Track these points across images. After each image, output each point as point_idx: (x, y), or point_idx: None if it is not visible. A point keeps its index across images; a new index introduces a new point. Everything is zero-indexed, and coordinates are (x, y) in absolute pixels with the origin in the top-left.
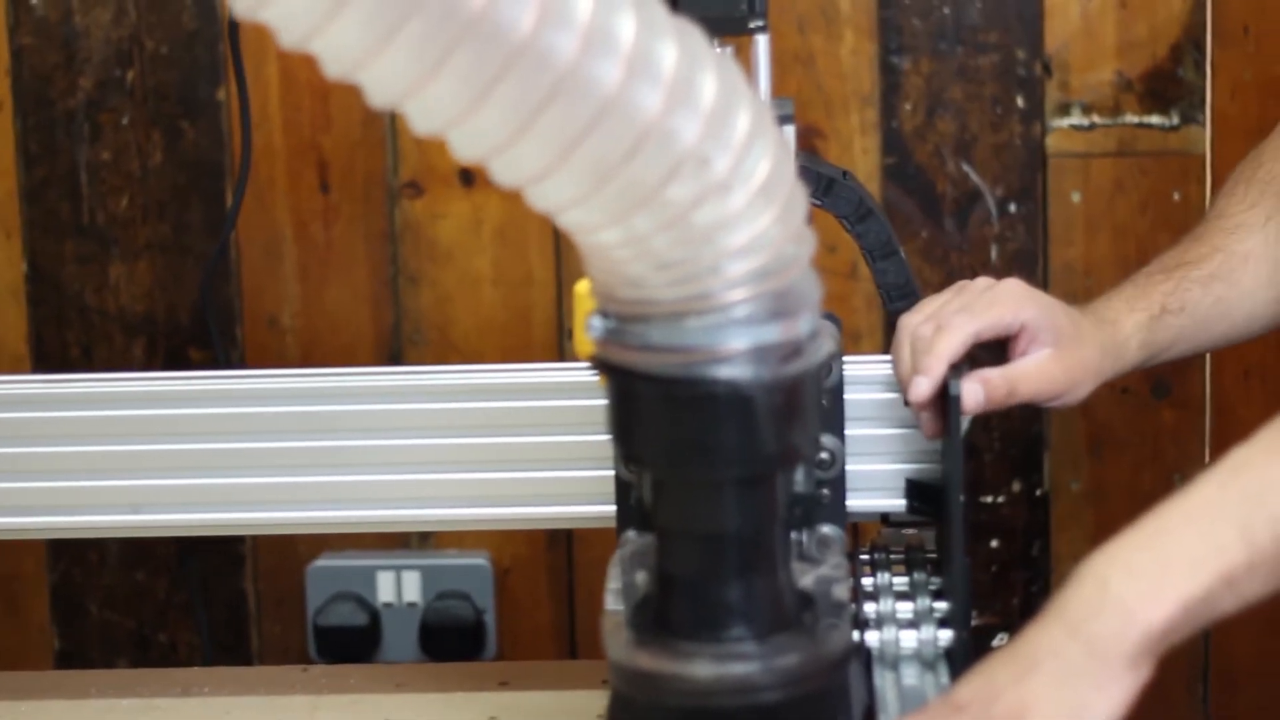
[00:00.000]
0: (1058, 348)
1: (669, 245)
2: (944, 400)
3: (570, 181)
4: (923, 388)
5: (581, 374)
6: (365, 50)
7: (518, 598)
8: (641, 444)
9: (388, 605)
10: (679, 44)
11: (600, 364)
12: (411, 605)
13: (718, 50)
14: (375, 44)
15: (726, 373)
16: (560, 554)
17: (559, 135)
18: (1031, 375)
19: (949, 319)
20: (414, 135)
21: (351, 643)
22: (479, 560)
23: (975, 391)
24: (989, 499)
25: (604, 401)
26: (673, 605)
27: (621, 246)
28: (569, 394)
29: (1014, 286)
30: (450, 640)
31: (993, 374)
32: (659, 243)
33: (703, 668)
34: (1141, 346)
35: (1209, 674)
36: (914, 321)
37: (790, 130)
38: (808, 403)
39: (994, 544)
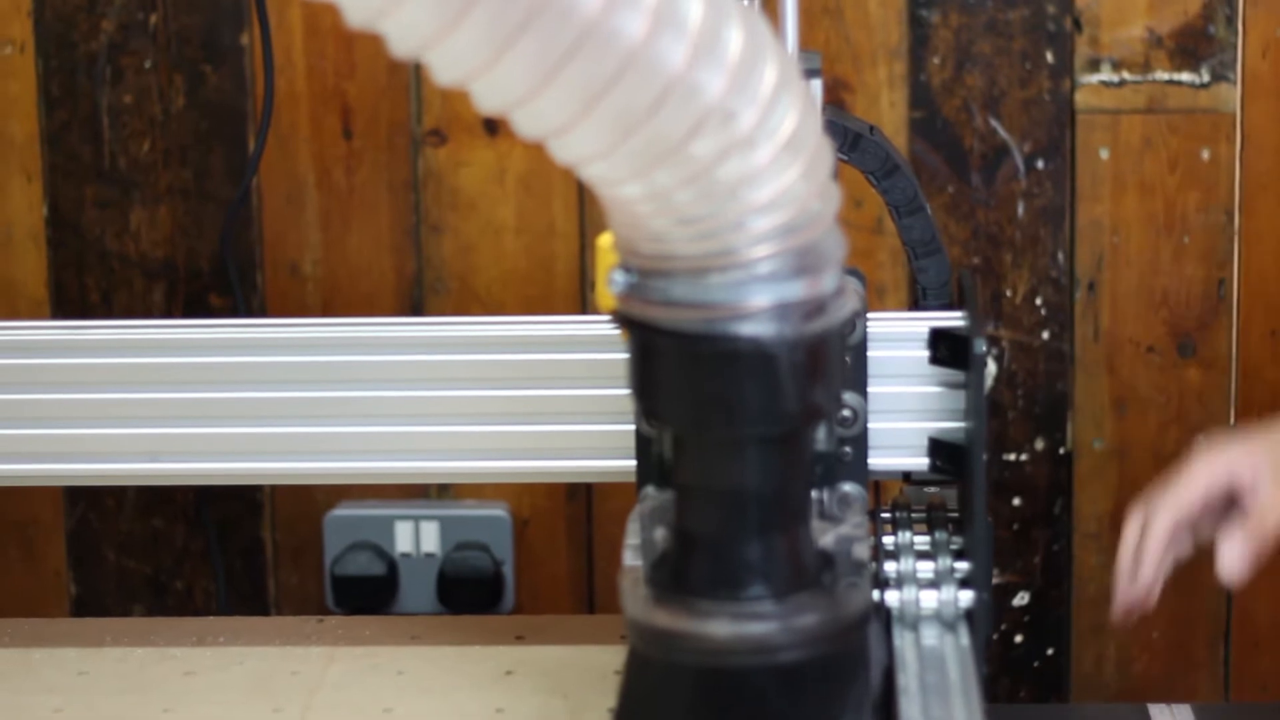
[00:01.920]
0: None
1: (692, 200)
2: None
3: (593, 135)
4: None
5: (603, 327)
6: None
7: (536, 549)
8: (662, 400)
9: (405, 555)
10: None
11: (621, 318)
12: (429, 556)
13: (744, 2)
14: None
15: (749, 329)
16: (580, 506)
17: (583, 88)
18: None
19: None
20: (438, 83)
21: (369, 593)
22: (498, 511)
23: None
24: (1012, 457)
25: (625, 355)
26: (691, 563)
27: (644, 201)
28: (591, 347)
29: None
30: (468, 591)
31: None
32: (682, 197)
33: (720, 626)
34: None
35: (1230, 635)
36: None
37: (817, 84)
38: (831, 360)
39: (1016, 502)
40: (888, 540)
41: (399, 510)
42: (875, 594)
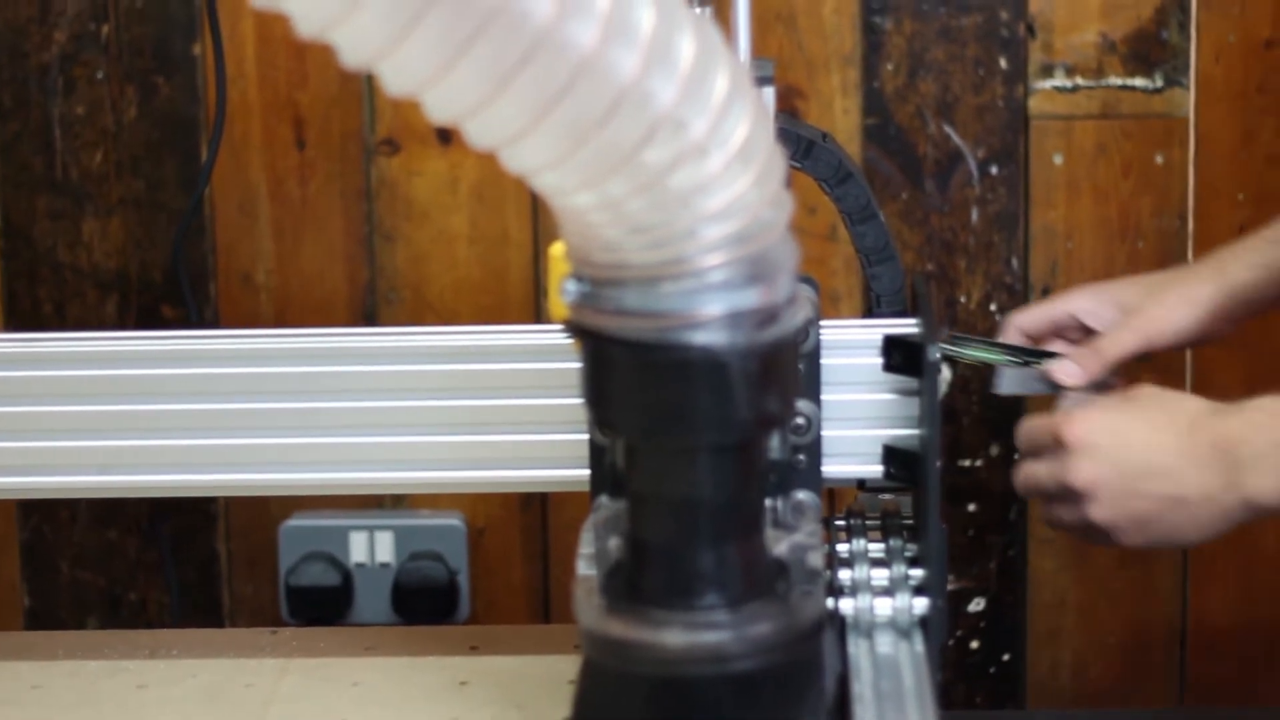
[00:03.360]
0: (1127, 314)
1: (644, 209)
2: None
3: (545, 144)
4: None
5: (557, 336)
6: (337, 9)
7: (492, 559)
8: (615, 409)
9: (360, 565)
10: (656, 5)
11: (574, 328)
12: (384, 566)
13: (696, 10)
14: (348, 3)
15: (702, 338)
16: (535, 515)
17: (534, 98)
18: (1103, 345)
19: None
20: (389, 93)
21: (323, 603)
22: (453, 521)
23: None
24: (967, 462)
25: (579, 365)
26: (645, 572)
27: (596, 210)
28: (545, 357)
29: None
30: (423, 601)
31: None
32: (634, 206)
33: (674, 636)
34: (1254, 267)
35: (1185, 640)
36: None
37: (770, 92)
38: (784, 368)
39: (971, 508)
40: (842, 548)
41: (353, 520)
42: (830, 602)
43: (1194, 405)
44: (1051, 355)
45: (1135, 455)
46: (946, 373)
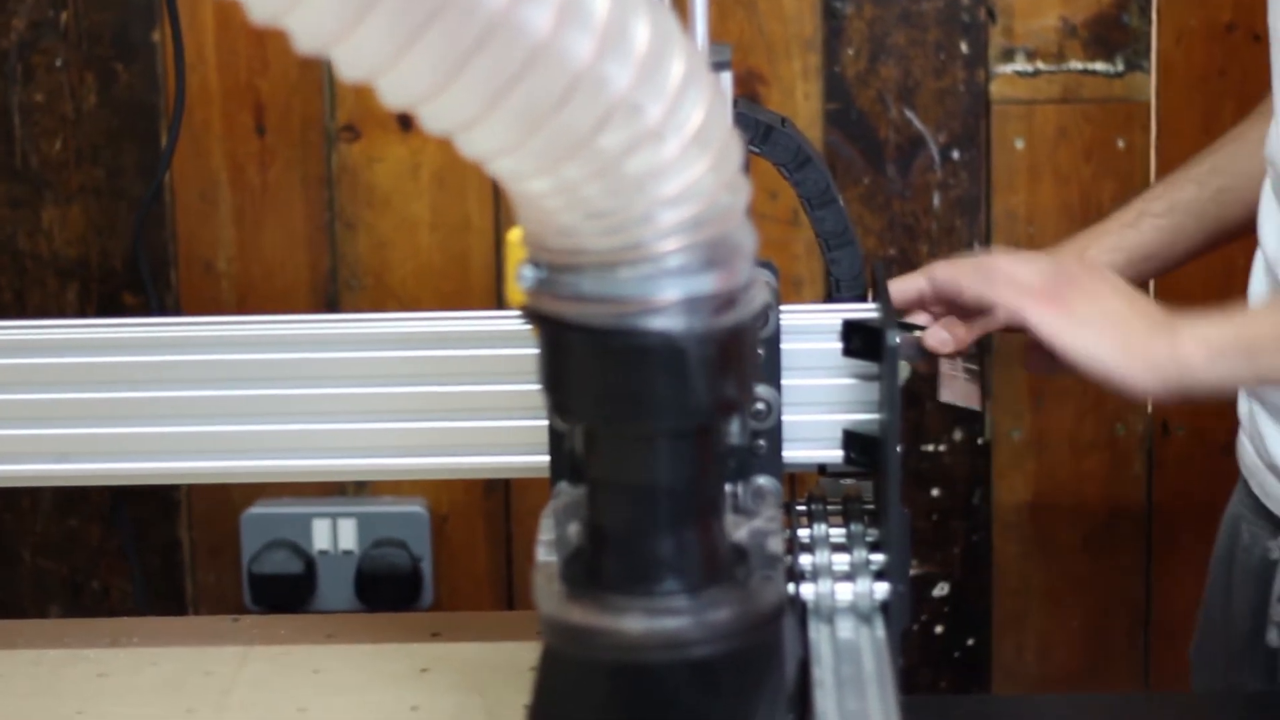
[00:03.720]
0: None
1: (600, 194)
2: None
3: (500, 129)
4: None
5: (519, 322)
6: None
7: (455, 545)
8: (572, 395)
9: (323, 553)
10: None
11: (531, 314)
12: (347, 553)
13: None
14: None
15: (659, 324)
16: (498, 501)
17: (489, 82)
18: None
19: None
20: (344, 79)
21: (286, 591)
22: (416, 508)
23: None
24: (930, 447)
25: (537, 351)
26: (604, 559)
27: (552, 195)
28: (506, 343)
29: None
30: (387, 588)
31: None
32: (590, 191)
33: (633, 622)
34: (1112, 250)
35: (1149, 625)
36: None
37: (727, 76)
38: (742, 354)
39: (935, 493)
40: (803, 533)
41: (316, 508)
42: (791, 587)
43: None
44: (918, 326)
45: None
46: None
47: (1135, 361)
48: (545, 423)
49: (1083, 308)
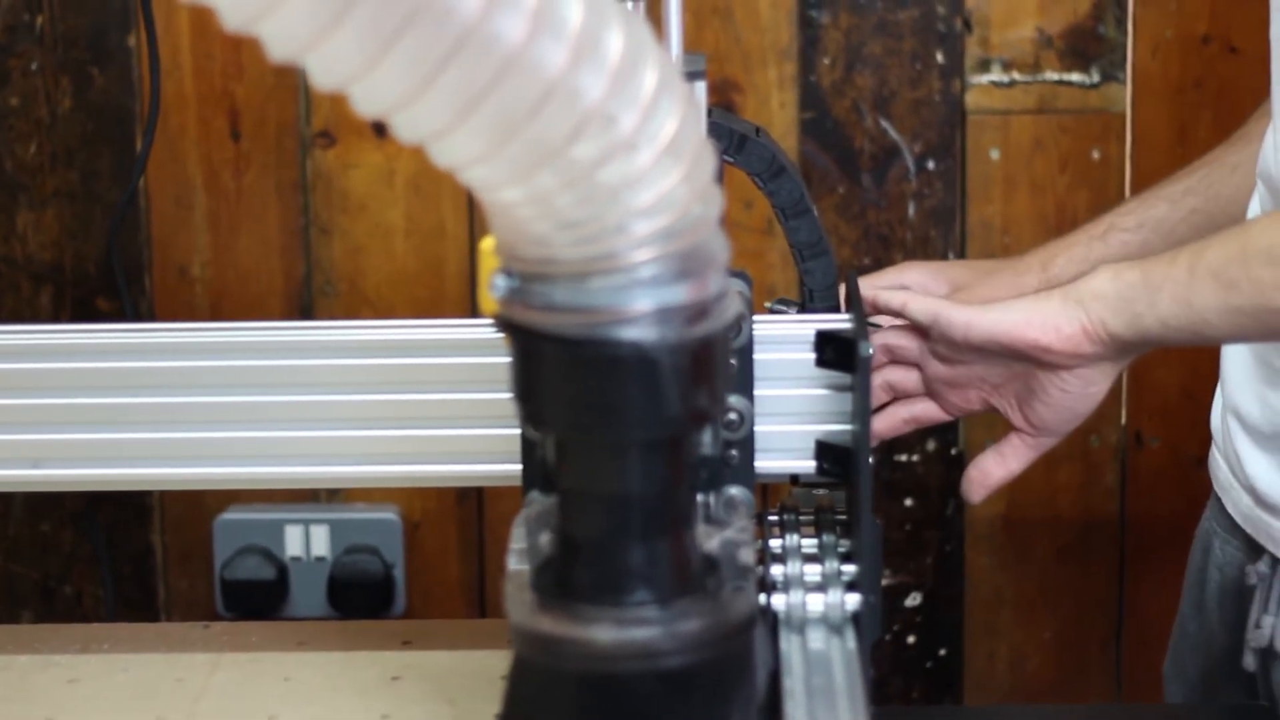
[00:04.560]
0: (958, 291)
1: (573, 204)
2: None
3: (473, 139)
4: None
5: (493, 331)
6: (263, 2)
7: (427, 552)
8: (544, 405)
9: (296, 559)
10: None
11: (503, 323)
12: (320, 559)
13: (628, 5)
14: None
15: (631, 334)
16: (471, 509)
17: (462, 91)
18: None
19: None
20: (317, 87)
21: (258, 597)
22: (388, 515)
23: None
24: (903, 457)
25: (509, 360)
26: (575, 568)
27: (525, 205)
28: (480, 351)
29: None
30: (359, 595)
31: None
32: (563, 201)
33: (603, 632)
34: (1079, 261)
35: (1122, 635)
36: None
37: (702, 87)
38: (715, 364)
39: (908, 503)
40: (775, 543)
41: (289, 514)
42: (762, 597)
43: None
44: (877, 327)
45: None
46: None
47: (1049, 316)
48: (518, 431)
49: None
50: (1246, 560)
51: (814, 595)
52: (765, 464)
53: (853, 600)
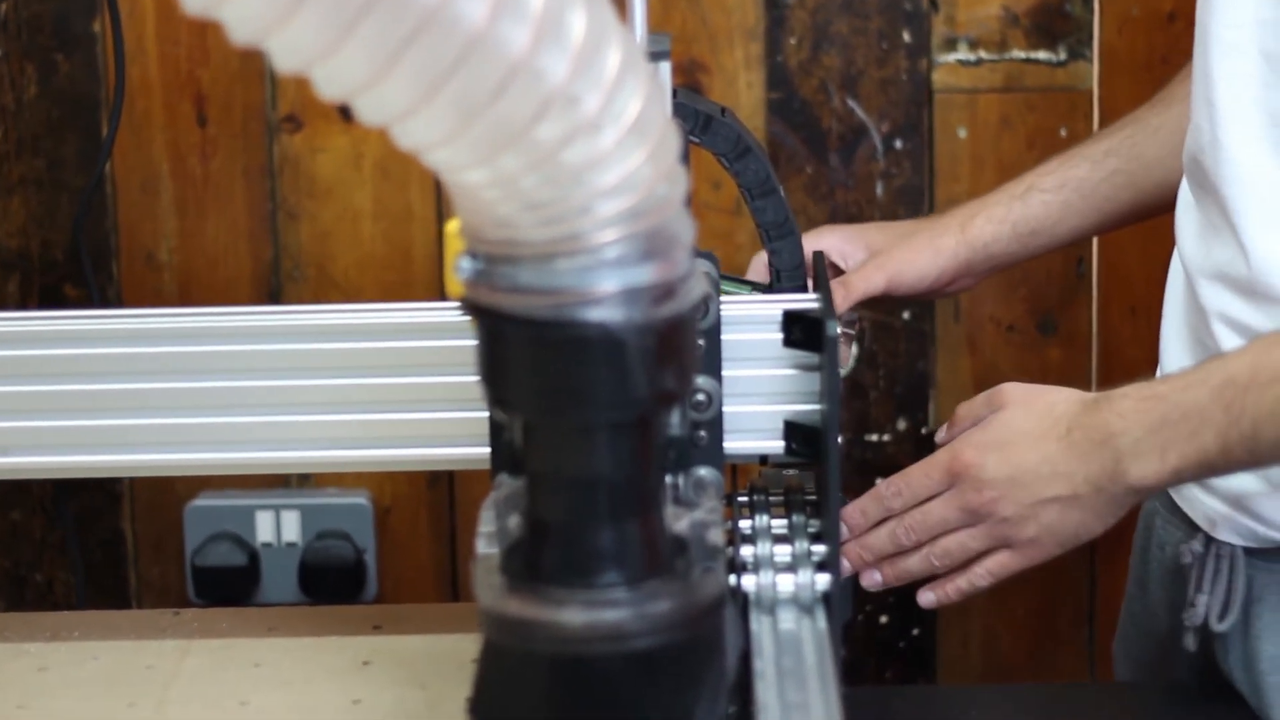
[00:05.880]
0: (874, 255)
1: (538, 185)
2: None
3: (436, 121)
4: None
5: (461, 314)
6: None
7: (399, 537)
8: (511, 387)
9: (267, 545)
10: None
11: (469, 306)
12: (291, 545)
13: None
14: None
15: (597, 315)
16: (442, 492)
17: (424, 74)
18: (850, 280)
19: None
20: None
21: (230, 583)
22: (359, 500)
23: None
24: (874, 437)
25: (476, 343)
26: (544, 551)
27: (489, 187)
28: (449, 334)
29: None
30: (330, 580)
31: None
32: (527, 183)
33: (573, 614)
34: (997, 222)
35: (1094, 614)
36: None
37: (666, 66)
38: (682, 345)
39: (879, 482)
40: (744, 524)
41: (259, 500)
42: (732, 578)
43: (1063, 404)
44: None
45: (1028, 467)
46: (854, 348)
47: (1111, 521)
48: (487, 414)
49: (1030, 528)
50: (1185, 540)
51: (784, 576)
52: (734, 445)
53: (823, 580)
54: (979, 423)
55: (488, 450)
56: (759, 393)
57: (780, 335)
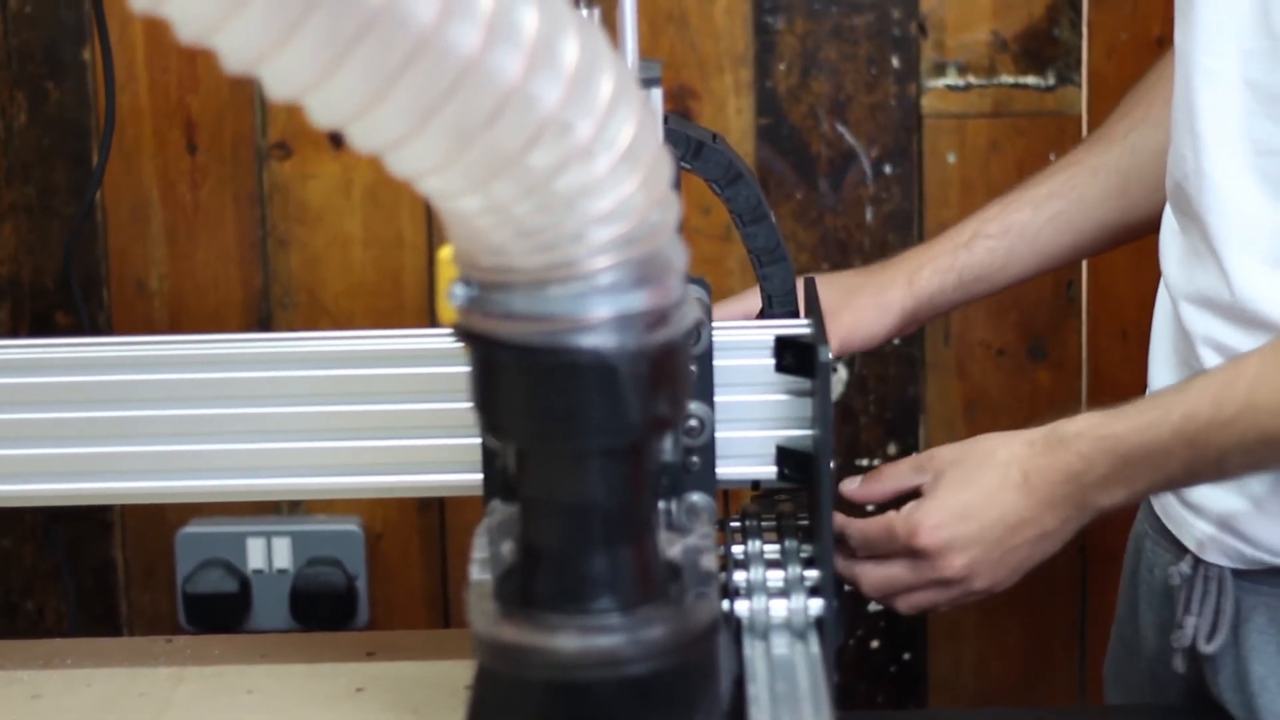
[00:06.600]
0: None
1: (530, 212)
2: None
3: (429, 148)
4: None
5: (452, 341)
6: (216, 14)
7: (390, 563)
8: (504, 414)
9: (258, 572)
10: (539, 7)
11: (462, 332)
12: (282, 572)
13: (584, 12)
14: (228, 7)
15: (590, 341)
16: (433, 518)
17: (418, 101)
18: None
19: None
20: (272, 98)
21: (221, 610)
22: (350, 526)
23: None
24: (865, 462)
25: (469, 369)
26: (537, 577)
27: (483, 213)
28: (440, 360)
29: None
30: (322, 607)
31: None
32: (520, 210)
33: (567, 640)
34: (944, 272)
35: (1085, 637)
36: None
37: (658, 93)
38: (674, 371)
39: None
40: (737, 550)
41: (250, 526)
42: (725, 604)
43: (1003, 449)
44: None
45: (993, 526)
46: (842, 372)
47: (1066, 539)
48: (479, 440)
49: (1000, 574)
50: (1173, 562)
51: (777, 600)
52: (726, 470)
53: (816, 605)
54: (920, 492)
55: (479, 477)
56: (751, 418)
57: (772, 361)
